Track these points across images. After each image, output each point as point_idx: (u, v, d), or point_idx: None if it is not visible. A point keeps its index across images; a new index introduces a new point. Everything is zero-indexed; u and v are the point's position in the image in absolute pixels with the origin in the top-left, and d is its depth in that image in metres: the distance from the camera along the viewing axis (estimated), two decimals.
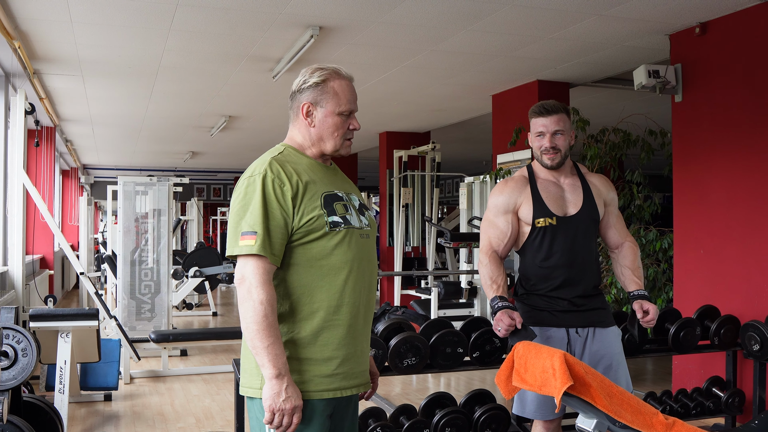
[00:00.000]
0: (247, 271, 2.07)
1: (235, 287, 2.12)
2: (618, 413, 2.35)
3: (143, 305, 7.77)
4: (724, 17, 5.13)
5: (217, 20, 5.33)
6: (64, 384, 4.82)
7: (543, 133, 3.14)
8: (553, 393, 2.34)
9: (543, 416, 3.07)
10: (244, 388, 2.18)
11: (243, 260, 2.08)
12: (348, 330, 2.17)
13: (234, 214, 2.13)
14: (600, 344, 3.11)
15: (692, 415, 4.68)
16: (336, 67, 2.25)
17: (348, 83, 2.25)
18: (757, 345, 4.41)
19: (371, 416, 3.98)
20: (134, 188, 7.93)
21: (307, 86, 2.22)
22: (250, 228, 2.07)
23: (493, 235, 3.21)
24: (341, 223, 2.16)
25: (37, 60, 6.46)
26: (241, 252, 2.07)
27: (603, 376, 2.44)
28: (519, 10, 5.08)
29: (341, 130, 2.23)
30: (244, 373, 2.18)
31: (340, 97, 2.22)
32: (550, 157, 3.15)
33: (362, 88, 7.76)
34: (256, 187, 2.10)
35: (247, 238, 2.07)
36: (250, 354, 2.11)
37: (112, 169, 17.57)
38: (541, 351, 2.47)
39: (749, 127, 4.96)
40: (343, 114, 2.23)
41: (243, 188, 2.14)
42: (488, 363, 3.86)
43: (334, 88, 2.22)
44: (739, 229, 5.03)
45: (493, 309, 3.05)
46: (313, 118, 2.23)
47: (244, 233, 2.07)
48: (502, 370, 2.63)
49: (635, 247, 3.30)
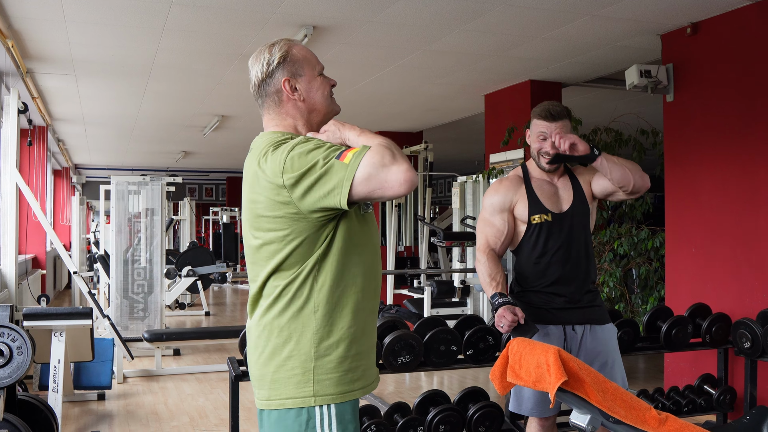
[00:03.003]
0: (375, 151, 1.83)
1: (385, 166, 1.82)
2: (611, 408, 2.37)
3: (136, 305, 7.76)
4: (715, 18, 5.17)
5: (210, 19, 5.34)
6: (57, 383, 4.81)
7: (546, 136, 3.17)
8: (548, 388, 2.36)
9: (540, 413, 3.10)
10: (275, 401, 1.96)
11: (368, 154, 1.82)
12: (374, 315, 2.09)
13: (308, 164, 1.85)
14: (596, 342, 3.14)
15: (684, 413, 4.71)
16: (284, 38, 2.15)
17: (304, 46, 2.15)
18: (748, 342, 4.45)
19: (365, 414, 3.99)
20: (127, 188, 7.93)
21: (276, 64, 2.06)
22: (336, 150, 1.86)
23: (490, 233, 3.24)
24: (370, 204, 2.04)
25: (30, 59, 6.45)
26: (356, 157, 1.82)
27: (597, 372, 2.47)
28: (511, 10, 5.11)
29: (327, 90, 2.12)
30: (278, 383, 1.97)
31: (310, 59, 2.11)
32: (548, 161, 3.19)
33: (355, 88, 7.78)
34: (311, 142, 1.90)
35: (346, 152, 1.84)
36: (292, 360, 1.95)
37: (104, 168, 17.53)
38: (535, 347, 2.49)
39: (740, 127, 5.00)
40: (321, 73, 2.12)
41: (295, 149, 1.88)
42: (482, 361, 3.88)
43: (300, 53, 2.10)
44: (730, 227, 5.07)
45: (494, 306, 3.06)
46: (299, 92, 2.07)
47: (338, 154, 1.84)
48: (496, 367, 2.65)
49: None
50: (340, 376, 1.95)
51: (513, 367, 2.56)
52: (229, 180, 20.89)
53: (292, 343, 1.95)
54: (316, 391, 1.93)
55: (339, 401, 1.95)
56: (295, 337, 1.96)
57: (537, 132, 3.19)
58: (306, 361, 1.94)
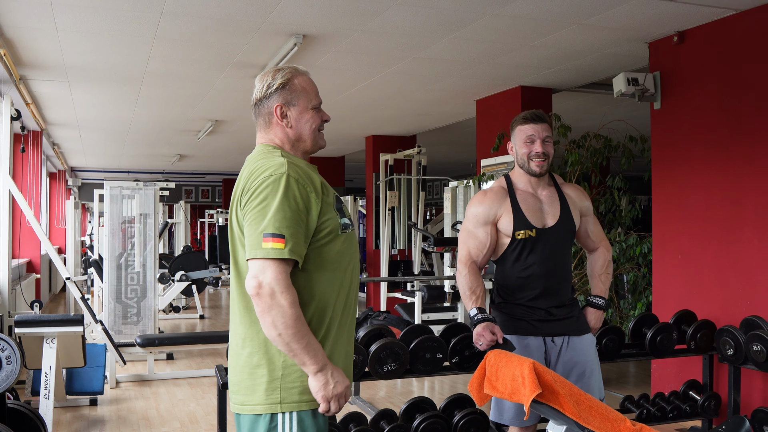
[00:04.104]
0: (267, 277, 1.94)
1: (252, 296, 1.98)
2: (586, 420, 2.42)
3: (129, 309, 7.80)
4: (701, 26, 5.22)
5: (201, 29, 5.38)
6: (48, 389, 4.86)
7: (534, 139, 3.18)
8: (523, 400, 2.41)
9: (521, 423, 3.13)
10: (248, 406, 2.08)
11: (262, 264, 1.95)
12: (348, 329, 2.17)
13: (253, 215, 2.00)
14: (573, 352, 3.17)
15: (669, 419, 4.76)
16: (293, 66, 2.25)
17: (309, 78, 2.25)
18: (731, 350, 4.49)
19: (352, 421, 4.04)
20: (120, 192, 7.96)
21: (274, 89, 2.19)
22: (275, 230, 1.96)
23: (473, 245, 3.25)
24: (350, 225, 2.16)
25: (23, 66, 6.49)
26: (268, 255, 1.94)
27: (572, 384, 2.51)
28: (499, 19, 5.15)
29: (316, 124, 2.22)
30: (250, 390, 2.08)
31: (309, 92, 2.22)
32: (539, 164, 3.19)
33: (347, 93, 7.83)
34: (279, 187, 2.00)
35: (273, 240, 1.95)
36: (261, 368, 2.05)
37: (100, 171, 17.56)
38: (511, 359, 2.54)
39: (726, 134, 5.04)
40: (315, 107, 2.22)
41: (261, 188, 2.01)
42: (467, 368, 3.91)
43: (301, 84, 2.21)
44: (717, 234, 5.12)
45: (473, 321, 3.10)
46: (288, 119, 2.19)
47: (268, 235, 1.95)
48: (474, 378, 2.70)
49: (606, 252, 3.41)
50: (307, 386, 2.05)
51: (490, 379, 2.60)
52: (225, 182, 20.94)
53: (261, 352, 2.07)
54: (283, 398, 2.05)
55: (302, 408, 2.06)
56: (265, 347, 2.07)
57: (524, 137, 3.20)
58: (274, 370, 2.05)
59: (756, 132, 4.82)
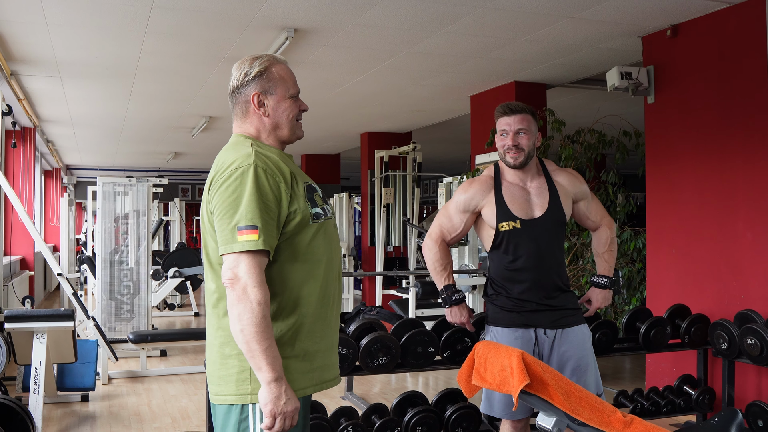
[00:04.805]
0: (241, 269, 1.93)
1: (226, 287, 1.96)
2: (576, 411, 2.39)
3: (122, 306, 7.76)
4: (694, 20, 5.20)
5: (192, 22, 5.35)
6: (38, 385, 4.82)
7: (506, 131, 3.16)
8: (511, 391, 2.38)
9: (511, 416, 3.10)
10: (221, 396, 2.06)
11: (236, 257, 1.94)
12: (326, 321, 2.14)
13: (223, 208, 1.99)
14: (568, 345, 3.12)
15: (663, 413, 4.73)
16: (271, 54, 2.23)
17: (287, 66, 2.22)
18: (725, 344, 4.47)
19: (343, 415, 4.01)
20: (114, 189, 7.93)
21: (251, 77, 2.17)
22: (249, 222, 1.94)
23: (446, 226, 3.31)
24: (322, 215, 2.13)
25: (13, 61, 6.46)
26: (243, 248, 1.93)
27: (561, 375, 2.49)
28: (492, 12, 5.12)
29: (294, 113, 2.20)
30: (222, 381, 2.06)
31: (287, 81, 2.19)
32: (513, 156, 3.15)
33: (341, 89, 7.80)
34: (247, 178, 1.98)
35: (246, 232, 1.94)
36: (232, 359, 2.03)
37: (95, 169, 17.51)
38: (500, 350, 2.51)
39: (719, 128, 5.02)
40: (293, 96, 2.20)
41: (230, 181, 2.00)
42: (459, 362, 3.89)
43: (279, 73, 2.18)
44: (710, 228, 5.10)
45: (447, 299, 3.22)
46: (266, 108, 2.17)
47: (242, 227, 1.94)
48: (463, 370, 2.67)
49: (608, 230, 3.42)
50: None
51: (478, 370, 2.58)
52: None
53: (233, 343, 2.03)
54: (252, 389, 2.02)
55: None
56: None
57: (499, 130, 3.20)
58: (243, 361, 2.02)
59: (749, 126, 4.80)
